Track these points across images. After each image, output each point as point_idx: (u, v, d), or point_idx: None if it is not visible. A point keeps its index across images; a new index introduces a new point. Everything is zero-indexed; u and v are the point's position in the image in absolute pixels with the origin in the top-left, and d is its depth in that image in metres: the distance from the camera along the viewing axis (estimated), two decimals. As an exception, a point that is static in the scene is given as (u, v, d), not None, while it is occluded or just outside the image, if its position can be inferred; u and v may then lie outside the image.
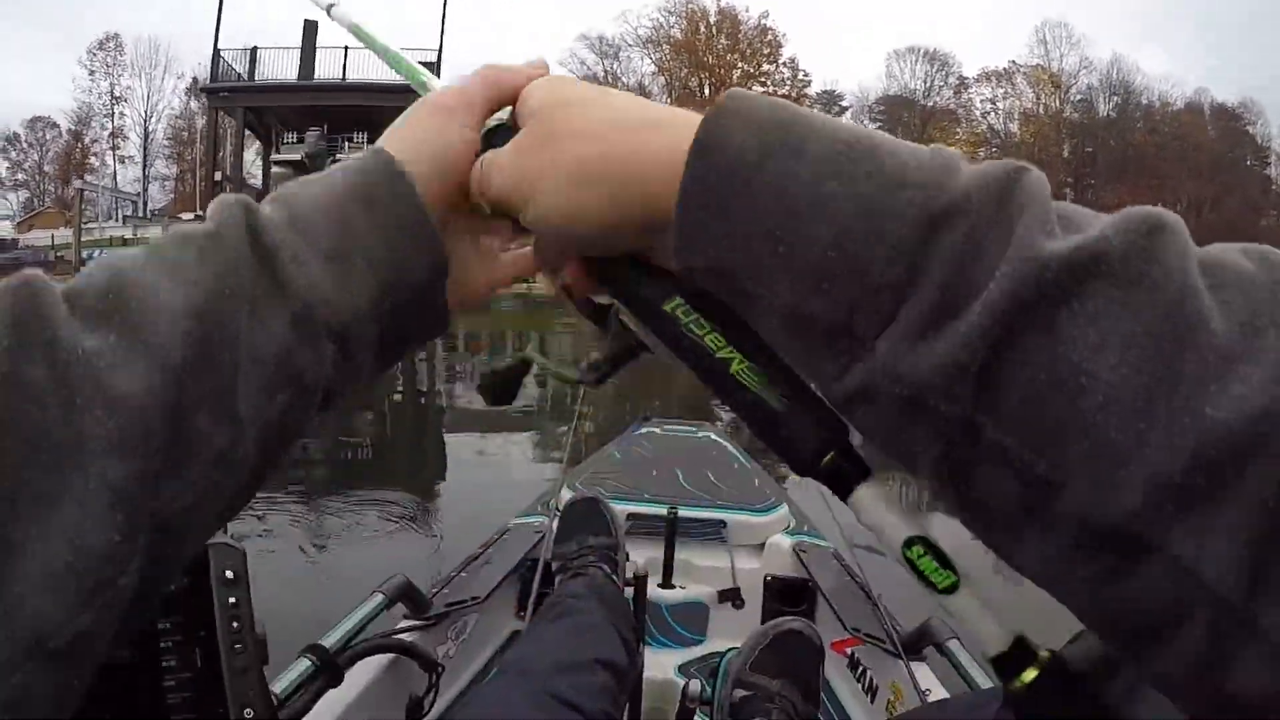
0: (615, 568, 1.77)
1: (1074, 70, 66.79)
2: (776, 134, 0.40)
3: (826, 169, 0.38)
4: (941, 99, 72.29)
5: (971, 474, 0.36)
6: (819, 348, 0.39)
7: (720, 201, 0.40)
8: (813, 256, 0.38)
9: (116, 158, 73.19)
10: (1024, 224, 0.35)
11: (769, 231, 0.38)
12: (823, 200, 0.38)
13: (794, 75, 69.03)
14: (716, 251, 0.40)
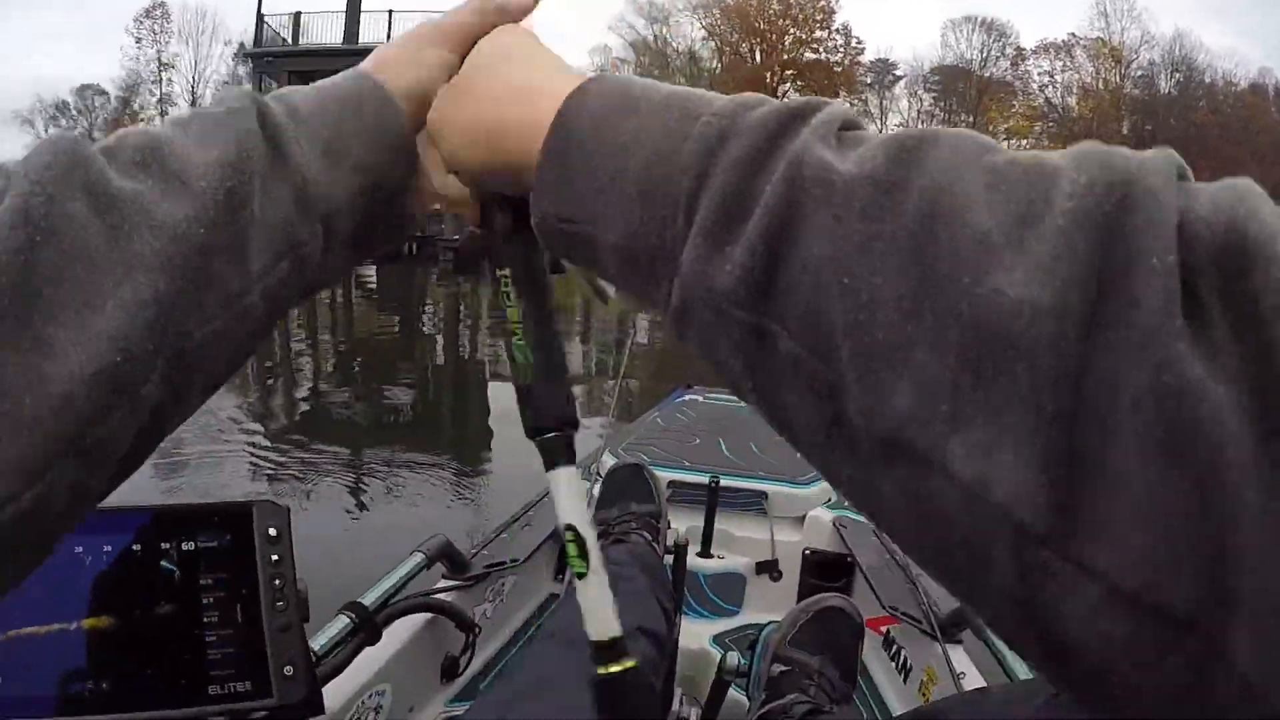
0: (657, 535, 1.77)
1: (1135, 45, 65.17)
2: (617, 100, 0.46)
3: (650, 116, 0.43)
4: (998, 70, 71.01)
5: (776, 389, 0.37)
6: (649, 278, 0.43)
7: (566, 157, 0.46)
8: (629, 186, 0.42)
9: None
10: (801, 136, 0.37)
11: (599, 173, 0.44)
12: (637, 138, 0.43)
13: (847, 42, 68.04)
14: (559, 199, 0.46)
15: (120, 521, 0.83)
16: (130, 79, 72.36)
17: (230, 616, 0.87)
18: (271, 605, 0.90)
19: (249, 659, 0.87)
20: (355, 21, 32.48)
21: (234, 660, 0.87)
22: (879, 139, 0.36)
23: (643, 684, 0.52)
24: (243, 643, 0.88)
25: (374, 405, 8.92)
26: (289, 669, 0.89)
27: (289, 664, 0.89)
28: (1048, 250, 0.29)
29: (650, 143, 0.42)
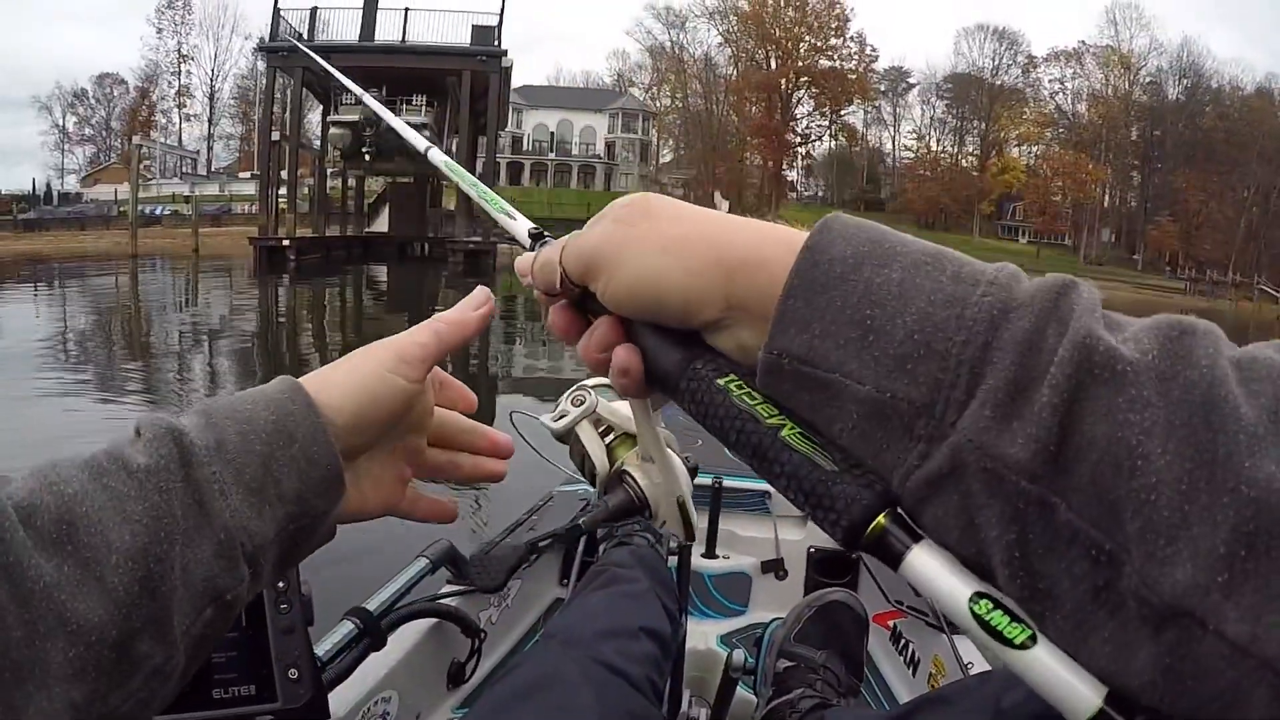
0: (659, 537, 1.76)
1: (1144, 52, 65.55)
2: (870, 247, 0.45)
3: (913, 270, 0.43)
4: (1010, 78, 71.27)
5: (1044, 558, 0.38)
6: (898, 434, 0.42)
7: (820, 294, 0.44)
8: (898, 339, 0.41)
9: (182, 116, 74.37)
10: (1078, 316, 0.39)
11: (860, 320, 0.42)
12: (909, 293, 0.42)
13: (861, 50, 68.57)
14: (809, 337, 0.44)
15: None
16: (149, 69, 72.91)
17: (234, 620, 0.86)
18: (275, 608, 0.89)
19: (253, 662, 0.87)
20: (372, 18, 32.47)
21: (238, 663, 0.87)
22: (1140, 325, 0.40)
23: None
24: (247, 646, 0.87)
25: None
26: (293, 672, 0.89)
27: (293, 667, 0.89)
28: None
29: (921, 302, 0.42)
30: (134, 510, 0.46)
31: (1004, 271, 0.43)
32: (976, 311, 0.40)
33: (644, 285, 0.50)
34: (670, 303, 0.50)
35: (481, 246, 29.60)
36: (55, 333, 14.44)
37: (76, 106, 73.74)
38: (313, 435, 0.55)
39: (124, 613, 0.44)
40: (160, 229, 46.22)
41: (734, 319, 0.49)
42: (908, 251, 0.45)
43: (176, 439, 0.50)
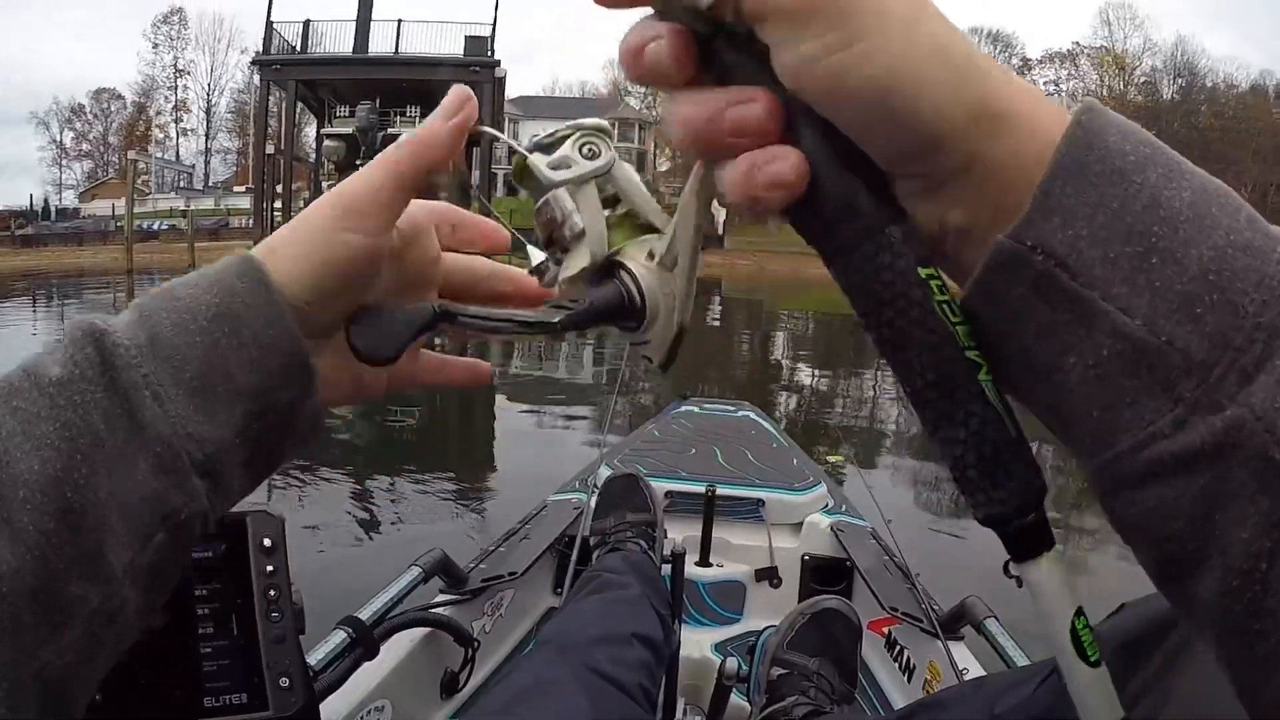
0: (653, 544, 1.77)
1: (1138, 52, 65.62)
2: (1152, 150, 0.35)
3: (1209, 198, 0.34)
4: (1004, 81, 71.40)
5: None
6: (1154, 389, 0.33)
7: (1095, 189, 0.34)
8: (1189, 274, 0.32)
9: (179, 130, 74.55)
10: None
11: (1144, 235, 0.33)
12: (1207, 223, 0.33)
13: (854, 54, 68.48)
14: (1074, 237, 0.33)
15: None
16: (146, 84, 73.14)
17: (225, 627, 0.87)
18: (266, 616, 0.90)
19: (244, 670, 0.87)
20: (365, 31, 32.54)
21: (229, 672, 0.87)
22: None
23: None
24: (238, 654, 0.87)
25: (377, 418, 8.92)
26: (284, 680, 0.89)
27: (284, 675, 0.89)
28: None
29: (1218, 238, 0.33)
30: (43, 432, 0.39)
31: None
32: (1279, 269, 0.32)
33: (903, 90, 0.34)
34: (919, 136, 0.35)
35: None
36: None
37: (74, 122, 73.91)
38: (266, 317, 0.46)
39: (39, 555, 0.37)
40: (158, 243, 46.22)
41: (959, 183, 0.36)
42: (1195, 173, 0.35)
43: (97, 340, 0.42)
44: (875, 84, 0.34)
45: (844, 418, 10.03)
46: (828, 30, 0.33)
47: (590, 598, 1.49)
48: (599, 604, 1.46)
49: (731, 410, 3.33)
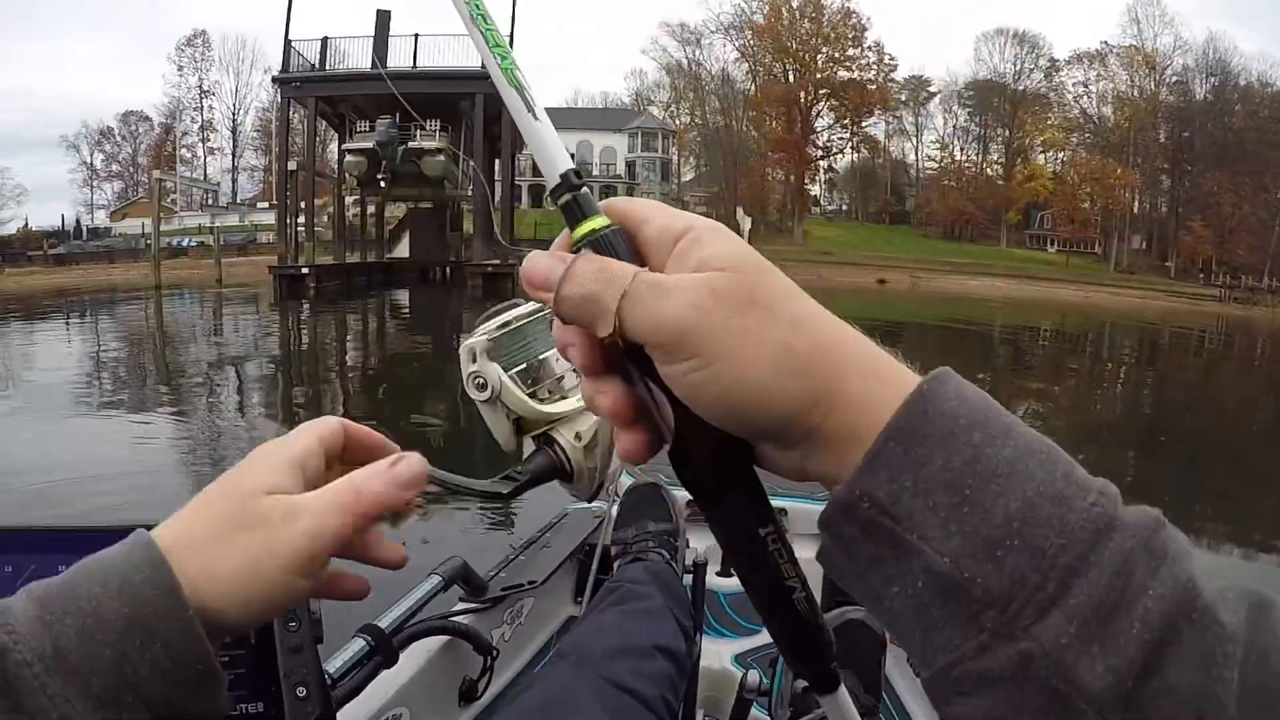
0: (675, 554, 1.76)
1: (1168, 51, 64.95)
2: (985, 413, 0.41)
3: (1027, 455, 0.40)
4: (1032, 83, 70.87)
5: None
6: (959, 617, 0.39)
7: (923, 447, 0.40)
8: (994, 521, 0.38)
9: (206, 149, 75.39)
10: (1179, 556, 0.38)
11: (959, 488, 0.39)
12: (1019, 477, 0.39)
13: (880, 60, 68.37)
14: (898, 487, 0.40)
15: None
16: (172, 105, 74.08)
17: (242, 638, 0.87)
18: (284, 625, 0.89)
19: (260, 680, 0.87)
20: (384, 45, 32.76)
21: (245, 681, 0.87)
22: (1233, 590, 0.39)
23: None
24: (255, 663, 0.87)
25: (401, 428, 8.94)
26: (301, 690, 0.89)
27: (301, 685, 0.89)
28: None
29: (1029, 490, 0.39)
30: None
31: (1110, 488, 0.40)
32: (1084, 519, 0.38)
33: (744, 399, 0.43)
34: (762, 424, 0.44)
35: (500, 269, 29.63)
36: (80, 361, 14.77)
37: (103, 144, 74.93)
38: (179, 632, 0.46)
39: None
40: (187, 260, 46.82)
41: (804, 446, 0.44)
42: (1022, 433, 0.41)
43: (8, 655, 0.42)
44: (725, 397, 0.43)
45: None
46: (689, 357, 0.43)
47: (611, 609, 1.48)
48: (620, 615, 1.45)
49: None
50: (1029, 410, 11.88)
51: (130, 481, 6.47)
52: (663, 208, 0.48)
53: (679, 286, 0.44)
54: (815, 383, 0.43)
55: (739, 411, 0.43)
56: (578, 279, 0.45)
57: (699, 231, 0.46)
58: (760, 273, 0.45)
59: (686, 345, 0.43)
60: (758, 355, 0.43)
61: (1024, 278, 54.11)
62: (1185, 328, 33.83)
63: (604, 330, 0.44)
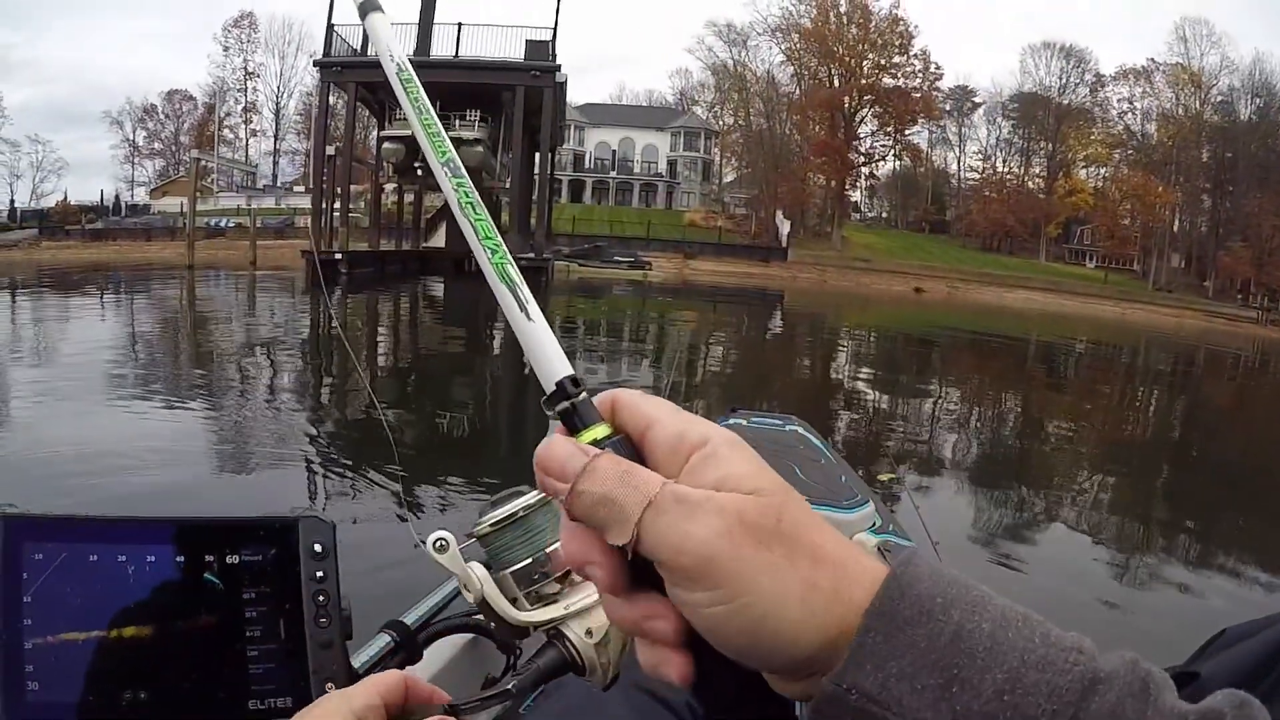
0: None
1: (1214, 70, 64.29)
2: (958, 591, 0.41)
3: (1004, 625, 0.40)
4: (1077, 97, 70.35)
5: None
6: None
7: (904, 632, 0.40)
8: (984, 698, 0.38)
9: (248, 131, 76.15)
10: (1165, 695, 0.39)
11: (946, 667, 0.39)
12: (1001, 649, 0.39)
13: (926, 68, 68.07)
14: (884, 676, 0.40)
15: (164, 532, 0.83)
16: (216, 86, 74.87)
17: (273, 631, 0.87)
18: (315, 621, 0.89)
19: (290, 675, 0.87)
20: (428, 33, 32.88)
21: (275, 675, 0.86)
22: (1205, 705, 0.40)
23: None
24: (284, 658, 0.87)
25: (433, 419, 8.98)
26: (330, 686, 0.88)
27: (330, 680, 0.88)
28: None
29: (1014, 660, 0.39)
30: None
31: (1085, 641, 0.41)
32: (1069, 680, 0.38)
33: (771, 639, 0.42)
34: (783, 662, 0.43)
35: (535, 263, 29.67)
36: (107, 338, 14.84)
37: (146, 121, 75.81)
38: None
39: None
40: (224, 240, 47.33)
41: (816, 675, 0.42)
42: (996, 604, 0.41)
43: None
44: (749, 633, 0.41)
45: (898, 437, 9.93)
46: (712, 587, 0.41)
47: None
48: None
49: (779, 425, 3.31)
50: (1062, 428, 11.79)
51: (146, 462, 6.46)
52: (674, 411, 0.46)
53: (706, 508, 0.42)
54: (838, 617, 0.41)
55: (761, 649, 0.42)
56: (600, 477, 0.43)
57: (716, 445, 0.44)
58: (785, 496, 0.44)
59: (711, 575, 0.41)
60: (787, 595, 0.41)
61: (1062, 292, 53.81)
62: (1221, 347, 33.48)
63: (619, 539, 0.42)
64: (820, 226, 67.22)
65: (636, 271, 45.17)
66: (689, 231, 62.00)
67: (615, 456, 0.45)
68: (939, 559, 2.21)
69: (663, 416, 0.46)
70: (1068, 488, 8.36)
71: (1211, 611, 4.85)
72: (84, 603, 0.79)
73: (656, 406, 0.47)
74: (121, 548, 0.81)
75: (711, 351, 17.19)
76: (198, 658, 0.82)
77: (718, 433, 0.45)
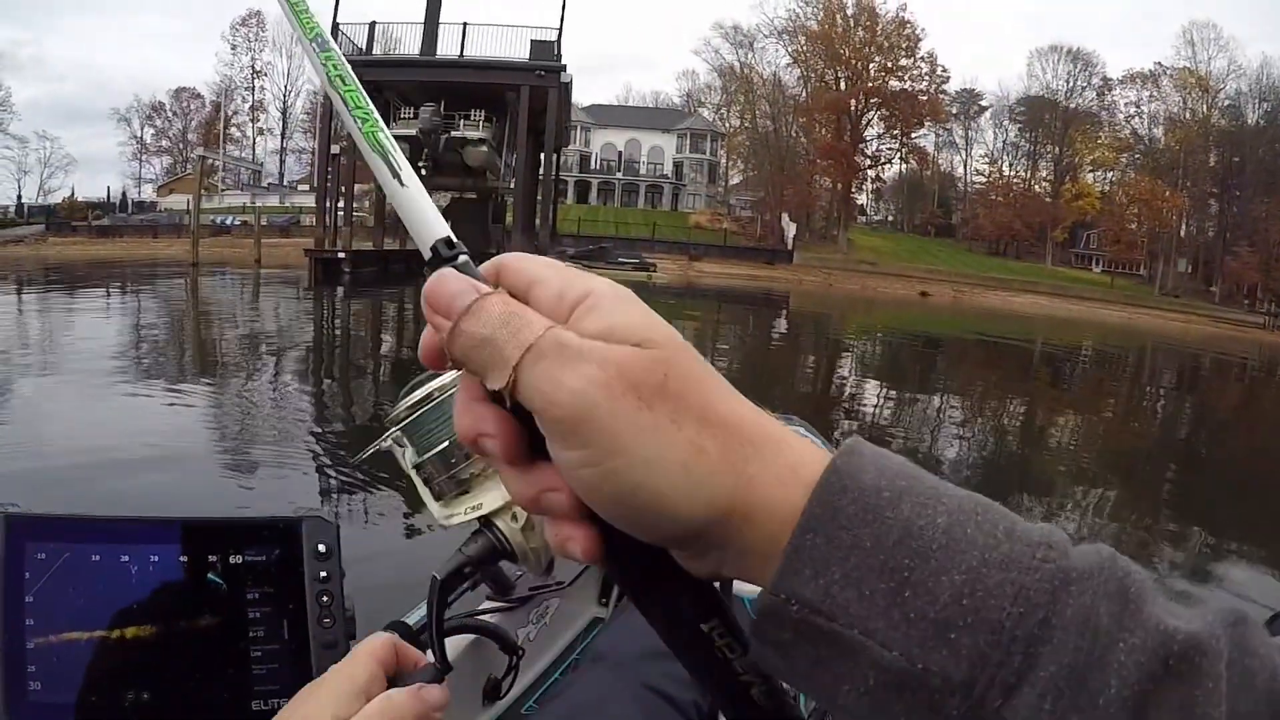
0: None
1: (1222, 74, 64.23)
2: (909, 481, 0.38)
3: (963, 520, 0.37)
4: (1084, 100, 70.33)
5: None
6: (920, 709, 0.35)
7: (847, 531, 0.37)
8: (940, 603, 0.35)
9: (255, 130, 76.32)
10: (1145, 600, 0.35)
11: (896, 570, 0.36)
12: (958, 546, 0.36)
13: (932, 70, 67.91)
14: (825, 582, 0.36)
15: (168, 531, 0.83)
16: (224, 84, 75.05)
17: (276, 632, 0.87)
18: (318, 622, 0.89)
19: (293, 675, 0.87)
20: (434, 32, 32.86)
21: (278, 676, 0.87)
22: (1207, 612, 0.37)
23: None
24: (288, 658, 0.87)
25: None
26: (333, 686, 0.88)
27: (334, 681, 0.88)
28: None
29: (973, 559, 0.36)
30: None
31: (1055, 534, 0.37)
32: (1035, 579, 0.35)
33: (646, 506, 0.38)
34: (666, 533, 0.40)
35: (535, 262, 29.62)
36: (108, 331, 14.87)
37: (154, 119, 75.99)
38: None
39: None
40: (230, 238, 47.45)
41: (719, 554, 0.40)
42: (952, 495, 0.38)
43: None
44: (623, 500, 0.38)
45: (900, 440, 9.92)
46: (584, 445, 0.37)
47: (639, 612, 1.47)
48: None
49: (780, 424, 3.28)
50: (1072, 426, 11.78)
51: (132, 458, 6.43)
52: (559, 268, 0.42)
53: (588, 356, 0.38)
54: (728, 489, 0.38)
55: (639, 518, 0.39)
56: (483, 316, 0.40)
57: (599, 297, 0.40)
58: (675, 351, 0.40)
59: (581, 431, 0.38)
60: (664, 459, 0.38)
61: (1068, 297, 53.69)
62: (1227, 353, 33.40)
63: (495, 383, 0.39)
64: (826, 229, 67.14)
65: (641, 273, 45.16)
66: (694, 233, 61.82)
67: (506, 297, 0.41)
68: None
69: (547, 274, 0.42)
70: (1072, 490, 8.34)
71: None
72: (86, 603, 0.79)
73: (542, 266, 0.42)
74: (124, 548, 0.81)
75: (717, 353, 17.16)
76: (200, 658, 0.83)
77: (604, 284, 0.41)
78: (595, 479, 0.38)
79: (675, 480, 0.37)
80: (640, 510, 0.38)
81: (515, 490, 0.42)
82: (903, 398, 13.37)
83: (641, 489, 0.38)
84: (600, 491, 0.38)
